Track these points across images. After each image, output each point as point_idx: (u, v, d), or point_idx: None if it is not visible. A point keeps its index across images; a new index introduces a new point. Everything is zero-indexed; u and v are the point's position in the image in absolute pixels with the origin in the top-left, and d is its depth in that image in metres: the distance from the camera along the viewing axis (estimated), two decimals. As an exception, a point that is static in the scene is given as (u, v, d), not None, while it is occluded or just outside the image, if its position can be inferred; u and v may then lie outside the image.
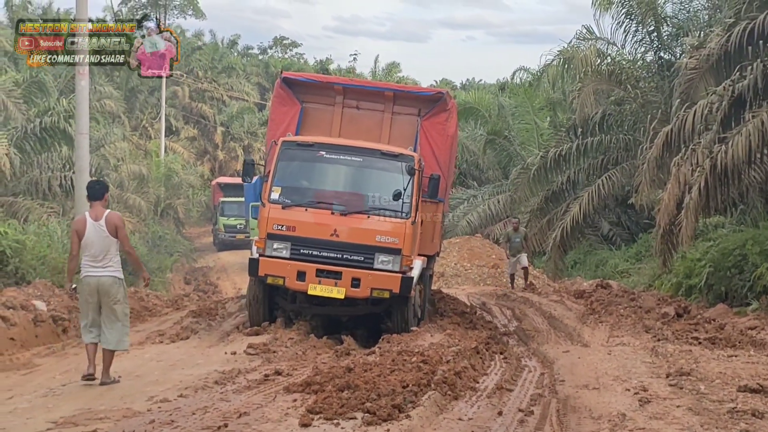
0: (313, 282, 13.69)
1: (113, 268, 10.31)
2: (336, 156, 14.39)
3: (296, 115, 15.63)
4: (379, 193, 14.18)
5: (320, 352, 12.84)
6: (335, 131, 15.68)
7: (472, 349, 12.17)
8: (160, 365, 11.37)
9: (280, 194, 14.01)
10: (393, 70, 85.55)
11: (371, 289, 13.73)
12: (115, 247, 10.31)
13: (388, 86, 16.85)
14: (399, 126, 15.72)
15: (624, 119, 28.76)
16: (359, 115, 15.81)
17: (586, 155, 28.53)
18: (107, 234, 10.23)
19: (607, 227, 30.33)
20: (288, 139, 14.57)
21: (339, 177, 14.55)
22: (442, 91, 16.18)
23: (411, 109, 15.73)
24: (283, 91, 15.83)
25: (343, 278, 13.67)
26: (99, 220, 10.26)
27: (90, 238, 10.24)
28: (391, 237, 13.78)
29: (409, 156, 14.35)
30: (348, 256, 13.72)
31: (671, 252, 18.43)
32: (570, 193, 29.15)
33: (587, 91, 27.92)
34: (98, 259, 10.24)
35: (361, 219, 13.89)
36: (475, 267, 27.12)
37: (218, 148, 66.68)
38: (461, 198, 36.57)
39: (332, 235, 13.72)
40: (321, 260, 13.71)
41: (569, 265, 29.62)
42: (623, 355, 12.31)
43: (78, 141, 22.88)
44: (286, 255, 13.77)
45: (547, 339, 14.97)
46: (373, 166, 14.31)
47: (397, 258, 13.77)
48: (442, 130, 15.62)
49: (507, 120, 38.14)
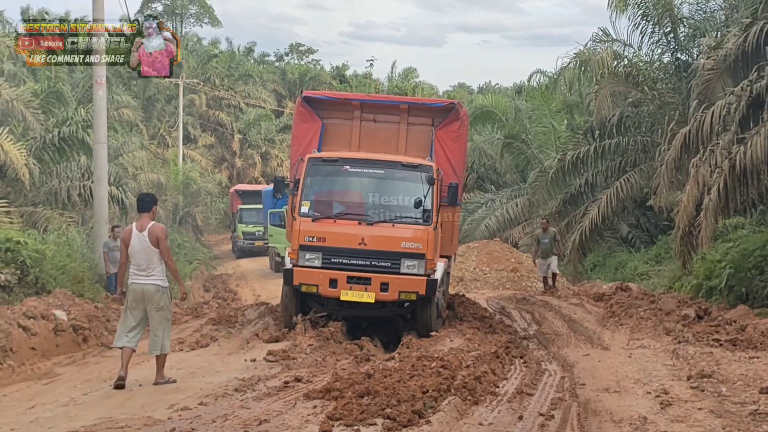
0: (344, 288, 14.57)
1: (157, 276, 10.81)
2: (359, 169, 15.27)
3: (318, 131, 16.60)
4: (401, 202, 15.08)
5: (340, 358, 12.86)
6: (355, 144, 16.65)
7: (491, 354, 12.15)
8: (180, 373, 11.40)
9: (310, 208, 14.95)
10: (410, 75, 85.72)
11: (399, 292, 14.53)
12: (157, 257, 10.78)
13: (402, 99, 18.13)
14: (414, 136, 16.68)
15: (641, 121, 28.67)
16: (377, 128, 16.77)
17: (603, 158, 28.45)
18: (149, 245, 10.73)
19: (626, 229, 30.24)
20: (314, 156, 15.48)
21: (363, 189, 15.36)
22: (453, 102, 17.14)
23: (425, 120, 16.74)
24: (304, 108, 16.81)
25: (372, 284, 14.52)
26: (143, 231, 10.78)
27: (135, 247, 10.77)
28: (415, 243, 14.62)
29: (427, 166, 15.23)
30: (376, 262, 14.58)
31: (691, 254, 18.35)
32: (588, 196, 29.08)
33: (604, 93, 27.87)
34: (142, 267, 10.76)
35: (387, 227, 14.78)
36: (494, 271, 27.07)
37: (236, 156, 66.85)
38: (479, 202, 36.55)
39: (360, 243, 14.60)
40: (351, 268, 14.57)
41: (588, 267, 29.54)
42: (644, 357, 12.26)
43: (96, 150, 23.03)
44: (318, 264, 14.67)
45: (567, 342, 14.92)
46: (395, 177, 15.22)
47: (422, 262, 14.61)
48: (455, 137, 16.57)
49: (524, 123, 38.09)
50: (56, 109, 30.84)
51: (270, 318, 17.12)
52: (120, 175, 34.54)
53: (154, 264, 10.78)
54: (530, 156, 36.75)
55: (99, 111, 22.64)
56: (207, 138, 65.90)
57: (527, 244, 31.64)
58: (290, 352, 12.95)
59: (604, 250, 29.90)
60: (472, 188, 39.26)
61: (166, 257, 10.87)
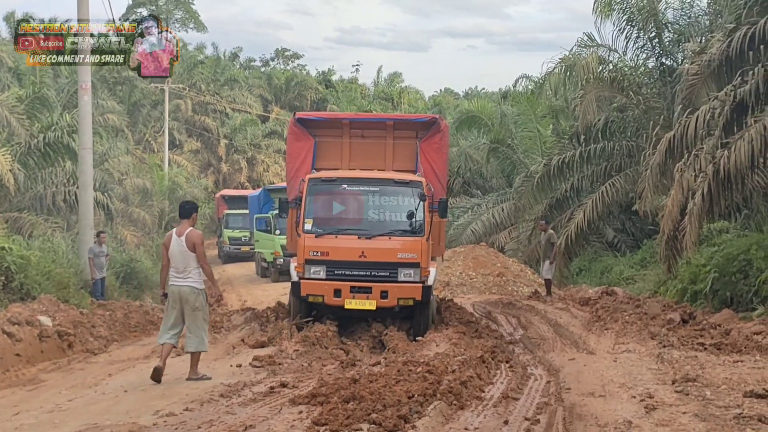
0: (348, 297, 15.71)
1: (193, 279, 11.48)
2: (356, 187, 16.61)
3: (311, 149, 17.95)
4: (396, 216, 16.41)
5: (326, 363, 12.86)
6: (346, 158, 18.06)
7: (477, 359, 12.17)
8: (165, 379, 11.37)
9: (313, 225, 16.16)
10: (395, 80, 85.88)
11: (398, 299, 15.72)
12: (194, 261, 11.47)
13: (388, 117, 20.19)
14: (400, 149, 18.09)
15: (627, 126, 28.76)
16: (365, 143, 18.17)
17: (589, 162, 28.52)
18: (186, 249, 11.40)
19: (611, 234, 30.29)
20: (314, 176, 16.81)
21: (361, 206, 16.65)
22: (435, 116, 18.61)
23: (409, 133, 18.15)
24: (297, 128, 18.09)
25: (373, 292, 15.68)
26: (181, 236, 11.46)
27: (173, 251, 11.47)
28: (411, 253, 15.85)
29: (417, 182, 16.52)
30: (376, 273, 15.78)
31: (676, 258, 18.40)
32: (574, 201, 29.13)
33: (589, 98, 27.93)
34: (180, 270, 11.45)
35: (384, 240, 16.01)
36: (480, 276, 27.07)
37: (222, 161, 66.78)
38: (465, 207, 36.57)
39: (360, 256, 15.81)
40: (353, 278, 15.76)
41: (574, 272, 29.59)
42: (629, 362, 12.29)
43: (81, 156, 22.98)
44: (323, 276, 15.83)
45: (552, 347, 14.96)
46: (389, 194, 16.59)
47: (417, 270, 15.83)
48: (438, 148, 17.93)
49: (510, 128, 38.14)
50: (41, 114, 30.74)
51: (256, 323, 17.12)
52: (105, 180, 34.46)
53: (191, 267, 11.43)
54: (516, 161, 36.81)
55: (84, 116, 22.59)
56: (193, 143, 65.81)
57: (513, 249, 31.71)
58: (276, 357, 12.95)
59: (589, 255, 29.95)
60: (458, 193, 39.26)
61: (201, 261, 11.50)
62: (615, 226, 30.48)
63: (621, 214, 30.19)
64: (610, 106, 29.65)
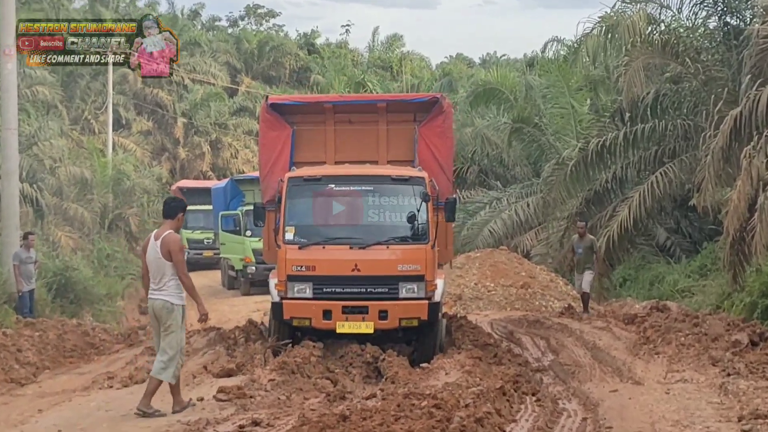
0: (339, 320, 15.93)
1: (168, 292, 11.75)
2: (346, 187, 16.96)
3: (288, 139, 18.21)
4: (394, 220, 16.70)
5: (308, 396, 12.86)
6: (330, 150, 18.36)
7: (496, 390, 12.18)
8: (109, 416, 11.39)
9: (295, 234, 16.36)
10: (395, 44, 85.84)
11: (399, 320, 15.98)
12: (170, 271, 11.71)
13: (380, 98, 21.31)
14: (396, 136, 18.40)
15: (682, 100, 28.75)
16: (353, 131, 18.48)
17: (635, 146, 28.51)
18: (160, 256, 11.67)
19: (663, 235, 30.32)
20: (294, 175, 16.98)
21: (352, 209, 17.08)
22: (437, 95, 18.79)
23: (406, 117, 18.49)
24: (271, 116, 18.38)
25: (370, 312, 15.90)
26: (158, 240, 11.73)
27: (149, 257, 11.80)
28: (413, 264, 16.08)
29: (419, 178, 16.72)
30: (372, 289, 16.02)
31: (743, 265, 18.42)
32: (617, 194, 29.14)
33: (636, 67, 27.87)
34: (156, 281, 11.78)
35: (381, 250, 16.27)
36: (500, 287, 27.10)
37: (179, 145, 66.67)
38: (482, 202, 36.60)
39: (353, 270, 16.01)
40: (345, 296, 16.00)
41: (617, 282, 29.62)
42: (685, 394, 12.31)
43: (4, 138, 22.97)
44: (309, 295, 16.09)
45: (590, 375, 14.98)
46: (385, 193, 16.84)
47: (422, 285, 16.07)
48: (440, 133, 18.20)
49: (537, 104, 38.14)
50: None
51: (221, 347, 17.14)
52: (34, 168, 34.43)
53: (167, 278, 11.70)
54: (545, 144, 36.84)
55: (8, 89, 22.58)
56: (143, 122, 65.66)
57: (541, 254, 31.72)
58: (246, 388, 12.93)
59: (636, 261, 29.98)
60: (473, 184, 39.30)
61: (179, 272, 11.77)
62: (668, 225, 30.51)
63: (675, 211, 30.22)
64: (661, 76, 29.63)
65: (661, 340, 16.93)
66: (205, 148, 66.28)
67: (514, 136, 37.68)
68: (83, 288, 29.38)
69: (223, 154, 67.23)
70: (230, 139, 67.63)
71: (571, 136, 35.31)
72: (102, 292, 30.52)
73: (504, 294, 26.82)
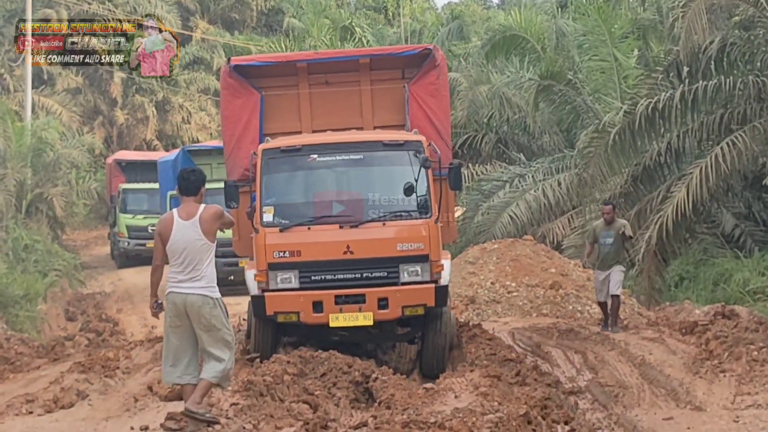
0: (333, 312, 16.75)
1: (205, 283, 11.98)
2: (331, 157, 17.63)
3: (256, 107, 19.00)
4: (390, 193, 17.42)
5: (281, 424, 12.84)
6: (306, 117, 19.23)
7: (520, 418, 12.18)
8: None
9: (274, 215, 17.07)
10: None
11: (402, 308, 16.75)
12: (208, 255, 12.01)
13: (361, 52, 22.03)
14: (382, 96, 19.33)
15: (755, 51, 28.72)
16: (331, 93, 19.28)
17: (695, 109, 28.49)
18: (202, 237, 11.93)
19: (731, 222, 30.29)
20: (269, 146, 17.65)
21: (340, 182, 18.03)
22: (428, 46, 19.65)
23: (393, 74, 19.43)
24: (234, 80, 19.07)
25: (367, 301, 16.72)
26: (190, 219, 11.94)
27: (176, 244, 11.94)
28: (415, 243, 16.84)
29: (416, 142, 17.46)
30: (369, 273, 16.85)
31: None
32: (672, 170, 29.19)
33: (697, 9, 27.82)
34: (186, 270, 11.94)
35: (377, 228, 17.10)
36: (524, 287, 27.07)
37: (116, 106, 66.64)
38: (500, 180, 36.51)
39: (346, 252, 16.83)
40: (338, 284, 16.87)
41: (672, 282, 29.63)
42: (758, 422, 12.35)
43: None
44: (295, 285, 16.89)
45: (638, 399, 14.99)
46: (378, 162, 17.74)
47: (426, 266, 16.86)
48: (434, 91, 19.02)
49: (571, 56, 38.11)
50: None
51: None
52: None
53: (203, 264, 11.94)
54: (580, 107, 36.76)
55: None
56: (71, 78, 65.55)
57: (576, 246, 31.62)
58: (203, 415, 12.92)
59: (696, 255, 29.99)
60: (489, 158, 39.25)
61: None
62: (736, 209, 30.49)
63: (746, 191, 30.23)
64: (728, 20, 29.62)
65: (729, 354, 16.94)
66: (149, 110, 66.22)
67: (542, 97, 37.51)
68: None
69: (172, 119, 67.21)
70: (181, 99, 67.59)
71: (614, 97, 35.29)
72: (18, 293, 30.45)
73: (528, 296, 26.81)
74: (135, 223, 46.02)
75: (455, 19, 70.38)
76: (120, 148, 62.69)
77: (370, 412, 13.76)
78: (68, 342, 23.58)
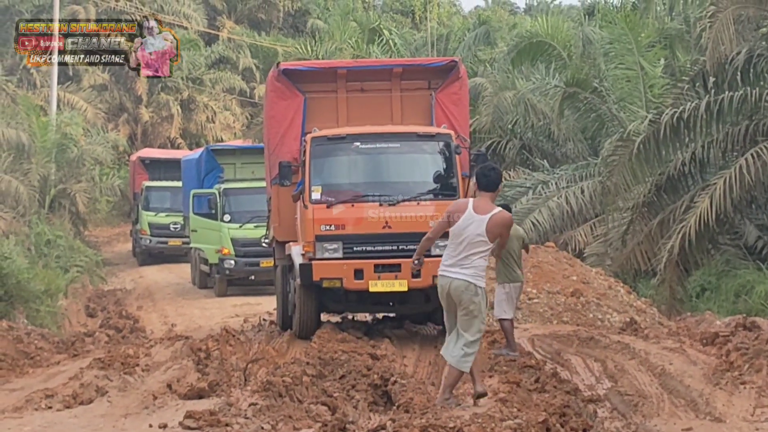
0: (372, 279, 19.39)
1: (473, 272, 13.10)
2: (372, 145, 20.38)
3: (300, 108, 21.14)
4: (422, 176, 20.38)
5: (299, 425, 12.86)
6: (342, 119, 21.34)
7: (538, 425, 12.19)
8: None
9: (321, 193, 19.71)
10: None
11: (432, 277, 17.42)
12: (483, 251, 13.07)
13: (394, 62, 25.47)
14: (410, 103, 21.56)
15: (782, 63, 28.70)
16: (365, 98, 21.56)
17: (721, 120, 28.44)
18: (484, 235, 12.97)
19: (754, 234, 30.22)
20: (317, 135, 20.18)
21: (379, 166, 20.72)
22: (454, 59, 22.35)
23: (421, 83, 21.72)
24: (282, 84, 21.22)
25: (402, 270, 19.09)
26: (484, 215, 12.95)
27: (461, 230, 13.05)
28: None
29: (446, 134, 20.23)
30: (404, 246, 18.84)
31: None
32: (696, 180, 29.12)
33: (725, 18, 27.79)
34: (458, 257, 13.14)
35: (411, 206, 19.66)
36: (545, 295, 27.04)
37: (141, 104, 66.71)
38: (523, 186, 36.47)
39: (384, 227, 19.50)
40: (377, 255, 19.56)
41: (694, 292, 29.57)
42: (778, 436, 12.31)
43: None
44: (339, 255, 19.53)
45: (657, 409, 14.95)
46: (412, 150, 20.68)
47: None
48: (457, 99, 21.45)
49: (597, 63, 38.07)
50: None
51: (190, 361, 17.15)
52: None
53: (475, 257, 13.05)
54: (605, 115, 36.74)
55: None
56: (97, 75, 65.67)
57: (598, 254, 31.60)
58: (221, 414, 12.93)
59: (718, 266, 29.93)
60: (513, 164, 39.21)
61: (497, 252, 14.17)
62: (760, 221, 30.43)
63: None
64: (756, 32, 29.57)
65: (749, 366, 16.90)
66: (174, 108, 66.24)
67: (567, 104, 37.53)
68: (16, 282, 29.37)
69: (196, 117, 67.25)
70: (206, 99, 67.61)
71: (640, 105, 35.23)
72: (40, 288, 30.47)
73: (549, 303, 26.79)
74: (157, 221, 46.10)
75: (482, 25, 70.20)
76: (144, 145, 62.73)
77: (388, 415, 13.77)
78: (88, 338, 23.58)
